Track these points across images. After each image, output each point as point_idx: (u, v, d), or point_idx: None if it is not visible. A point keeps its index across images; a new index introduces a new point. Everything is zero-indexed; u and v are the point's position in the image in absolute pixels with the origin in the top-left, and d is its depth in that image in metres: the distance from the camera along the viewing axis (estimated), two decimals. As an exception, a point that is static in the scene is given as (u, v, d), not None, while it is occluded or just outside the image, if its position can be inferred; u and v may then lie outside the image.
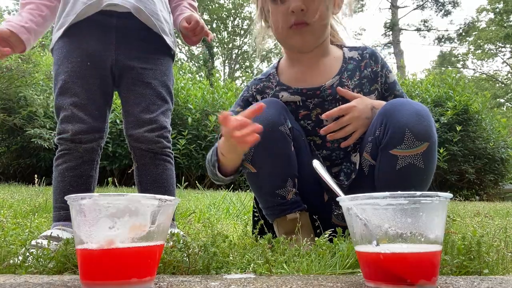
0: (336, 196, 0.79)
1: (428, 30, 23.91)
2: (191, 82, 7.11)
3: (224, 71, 23.81)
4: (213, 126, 6.04)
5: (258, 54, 1.36)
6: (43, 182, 4.06)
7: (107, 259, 0.62)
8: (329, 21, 1.21)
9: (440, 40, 24.30)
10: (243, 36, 24.43)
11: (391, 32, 20.95)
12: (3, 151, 5.82)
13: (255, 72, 24.06)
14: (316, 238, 0.93)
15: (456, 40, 24.16)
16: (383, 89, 1.25)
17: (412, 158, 1.02)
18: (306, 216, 1.14)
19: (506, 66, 23.26)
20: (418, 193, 0.63)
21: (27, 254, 0.86)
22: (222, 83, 7.87)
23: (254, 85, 1.29)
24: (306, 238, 1.02)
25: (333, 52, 1.28)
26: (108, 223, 0.62)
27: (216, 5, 23.11)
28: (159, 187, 1.29)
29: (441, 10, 22.80)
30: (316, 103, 1.21)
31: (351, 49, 1.28)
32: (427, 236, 0.63)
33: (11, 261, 0.84)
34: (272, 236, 0.95)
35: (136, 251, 0.63)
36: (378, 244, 0.64)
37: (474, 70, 24.54)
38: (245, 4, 23.40)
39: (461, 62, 24.67)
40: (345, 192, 1.16)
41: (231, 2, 23.45)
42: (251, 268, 0.84)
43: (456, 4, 22.36)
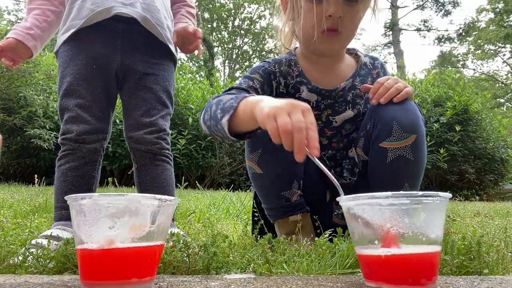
0: (337, 193, 0.79)
1: (428, 30, 23.93)
2: (191, 82, 7.11)
3: (224, 71, 23.82)
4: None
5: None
6: (43, 182, 4.06)
7: (107, 259, 0.62)
8: (356, 31, 1.19)
9: (440, 40, 24.32)
10: (244, 36, 24.43)
11: (391, 32, 20.96)
12: (3, 151, 5.82)
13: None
14: (316, 238, 0.93)
15: (456, 40, 24.18)
16: None
17: (401, 150, 1.04)
18: (308, 218, 1.14)
19: (506, 66, 23.27)
20: (420, 193, 0.63)
21: (27, 254, 0.86)
22: (222, 83, 7.87)
23: (277, 64, 1.20)
24: (306, 238, 1.03)
25: (346, 56, 1.28)
26: (108, 223, 0.62)
27: (217, 4, 23.11)
28: (158, 187, 1.29)
29: (441, 10, 22.83)
30: (327, 104, 1.21)
31: (365, 55, 1.30)
32: (428, 236, 0.63)
33: (11, 261, 0.84)
34: (272, 236, 0.95)
35: (136, 251, 0.63)
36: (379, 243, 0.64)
37: (474, 70, 24.55)
38: (245, 4, 23.41)
39: (461, 62, 24.68)
40: (351, 188, 1.18)
41: (232, 2, 23.46)
42: (251, 268, 0.84)
43: (456, 4, 22.38)
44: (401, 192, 0.64)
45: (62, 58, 1.29)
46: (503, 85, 23.41)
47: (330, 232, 0.99)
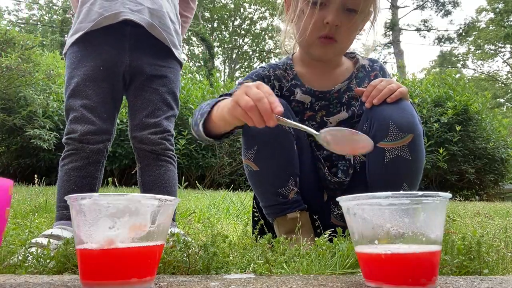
0: (335, 196, 0.79)
1: (428, 30, 23.93)
2: (191, 82, 7.11)
3: (224, 71, 23.82)
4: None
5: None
6: (43, 182, 4.06)
7: (107, 259, 0.62)
8: (353, 41, 1.21)
9: (440, 40, 24.32)
10: (244, 36, 24.43)
11: (391, 32, 20.95)
12: (3, 151, 5.82)
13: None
14: (316, 238, 0.93)
15: (456, 40, 24.18)
16: None
17: (398, 150, 1.05)
18: (306, 216, 1.14)
19: (506, 66, 23.27)
20: (420, 193, 0.63)
21: (27, 254, 0.86)
22: (222, 83, 7.86)
23: (272, 68, 1.25)
24: (306, 238, 1.03)
25: (345, 61, 1.29)
26: (108, 223, 0.62)
27: (218, 4, 23.11)
28: (160, 187, 1.30)
29: (441, 10, 22.83)
30: (322, 105, 1.22)
31: (364, 58, 1.31)
32: (428, 236, 0.63)
33: (11, 261, 0.84)
34: (272, 236, 0.95)
35: (136, 251, 0.63)
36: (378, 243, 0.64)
37: (474, 70, 24.55)
38: (245, 4, 23.41)
39: (461, 62, 24.68)
40: (347, 189, 1.19)
41: (232, 2, 23.46)
42: (251, 268, 0.84)
43: (456, 4, 22.39)
44: (401, 192, 0.64)
45: (70, 60, 1.31)
46: (503, 85, 23.41)
47: (330, 232, 0.99)
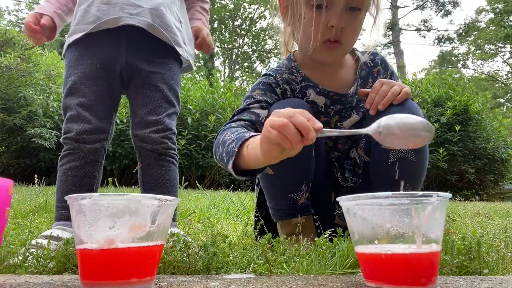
0: (340, 194, 0.79)
1: (428, 30, 23.92)
2: (191, 82, 7.11)
3: (224, 71, 23.81)
4: (212, 126, 6.04)
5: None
6: (43, 182, 4.06)
7: (107, 259, 0.62)
8: (357, 39, 1.17)
9: (440, 40, 24.32)
10: (244, 36, 24.43)
11: (391, 32, 20.94)
12: (3, 151, 5.81)
13: (255, 72, 24.05)
14: (316, 238, 0.93)
15: (456, 40, 24.17)
16: None
17: (403, 152, 1.04)
18: (311, 221, 1.14)
19: (506, 66, 23.27)
20: (420, 193, 0.63)
21: (27, 254, 0.86)
22: (221, 83, 7.86)
23: (278, 73, 1.19)
24: (306, 238, 1.02)
25: (346, 58, 1.26)
26: (108, 223, 0.62)
27: (218, 5, 23.10)
28: (161, 187, 1.29)
29: (441, 10, 22.82)
30: (336, 110, 1.19)
31: (363, 52, 1.27)
32: (428, 236, 0.63)
33: (11, 261, 0.84)
34: (272, 236, 0.95)
35: (136, 251, 0.63)
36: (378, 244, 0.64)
37: (474, 70, 24.55)
38: (245, 5, 23.40)
39: (461, 62, 24.68)
40: (354, 188, 1.18)
41: (232, 2, 23.45)
42: (251, 268, 0.84)
43: (456, 4, 22.38)
44: (401, 192, 0.64)
45: (68, 59, 1.30)
46: (503, 85, 23.40)
47: (330, 232, 0.99)
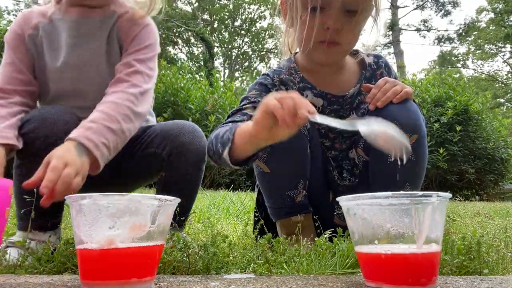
0: (339, 193, 0.79)
1: (428, 30, 23.92)
2: (191, 82, 7.10)
3: (224, 72, 23.82)
4: (212, 126, 6.04)
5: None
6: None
7: (107, 259, 0.62)
8: (356, 42, 1.17)
9: (440, 40, 24.32)
10: (244, 36, 24.44)
11: (391, 32, 20.94)
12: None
13: (254, 72, 24.07)
14: (316, 238, 0.93)
15: (456, 40, 24.17)
16: None
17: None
18: (310, 219, 1.14)
19: (506, 66, 23.27)
20: (420, 193, 0.63)
21: (27, 254, 0.86)
22: (221, 83, 7.86)
23: (276, 74, 1.21)
24: (306, 238, 1.02)
25: (348, 60, 1.26)
26: (108, 223, 0.62)
27: (217, 5, 23.12)
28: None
29: (441, 10, 22.83)
30: (333, 109, 1.20)
31: (368, 54, 1.27)
32: (429, 236, 0.63)
33: (11, 262, 0.84)
34: (272, 236, 0.95)
35: (136, 251, 0.63)
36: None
37: (474, 70, 24.55)
38: (245, 5, 23.42)
39: (461, 62, 24.68)
40: (351, 192, 1.18)
41: (231, 2, 23.46)
42: (251, 268, 0.84)
43: (456, 4, 22.38)
44: (401, 192, 0.64)
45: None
46: (503, 85, 23.41)
47: (330, 232, 0.99)
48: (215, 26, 23.54)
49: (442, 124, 6.29)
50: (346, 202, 0.69)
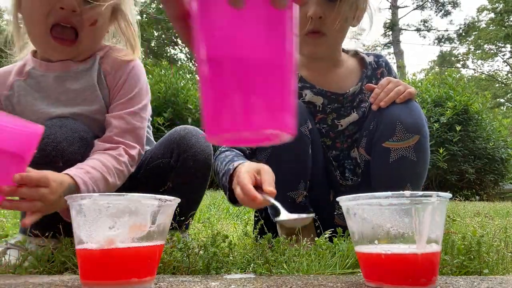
0: (339, 193, 0.79)
1: (428, 30, 23.91)
2: (191, 82, 7.10)
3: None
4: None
5: None
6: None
7: (107, 259, 0.62)
8: (346, 33, 1.17)
9: (440, 40, 24.31)
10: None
11: (391, 32, 20.93)
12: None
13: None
14: (316, 238, 0.93)
15: (456, 40, 24.16)
16: None
17: (404, 151, 1.04)
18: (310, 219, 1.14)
19: (506, 66, 23.27)
20: (420, 193, 0.63)
21: (26, 254, 0.86)
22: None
23: None
24: (306, 238, 1.02)
25: (347, 59, 1.26)
26: (108, 223, 0.62)
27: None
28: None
29: (441, 10, 22.82)
30: (333, 108, 1.20)
31: (368, 54, 1.28)
32: (429, 236, 0.63)
33: (10, 262, 0.84)
34: (272, 236, 0.95)
35: (136, 251, 0.63)
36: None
37: (474, 70, 24.55)
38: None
39: (461, 62, 24.68)
40: (353, 188, 1.18)
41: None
42: (251, 268, 0.84)
43: (456, 4, 22.38)
44: (401, 192, 0.64)
45: None
46: (503, 85, 23.41)
47: (330, 232, 0.99)
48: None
49: (442, 124, 6.29)
50: (346, 202, 0.69)
